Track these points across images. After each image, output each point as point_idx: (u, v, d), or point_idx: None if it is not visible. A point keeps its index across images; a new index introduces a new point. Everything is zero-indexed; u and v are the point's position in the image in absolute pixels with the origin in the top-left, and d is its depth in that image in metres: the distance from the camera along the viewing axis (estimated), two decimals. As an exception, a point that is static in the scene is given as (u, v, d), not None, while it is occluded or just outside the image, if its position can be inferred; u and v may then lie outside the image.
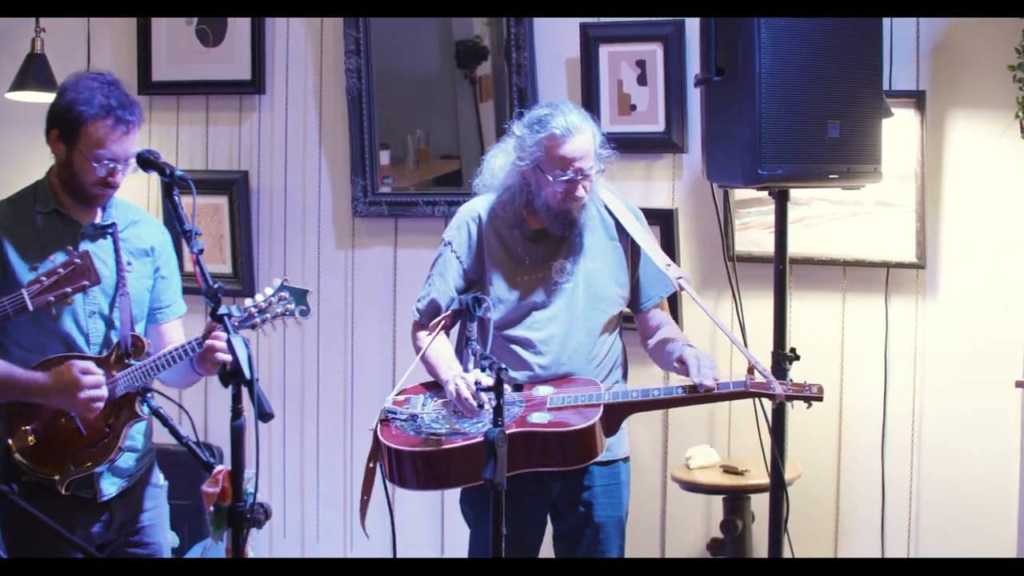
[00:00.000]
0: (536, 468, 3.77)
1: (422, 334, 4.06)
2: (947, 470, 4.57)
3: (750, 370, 3.79)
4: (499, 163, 4.03)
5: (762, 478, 4.39)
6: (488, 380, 3.52)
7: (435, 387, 3.99)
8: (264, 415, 3.02)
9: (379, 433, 3.86)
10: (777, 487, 4.15)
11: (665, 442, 4.99)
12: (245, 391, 3.04)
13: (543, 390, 3.90)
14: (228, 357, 3.20)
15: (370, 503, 3.95)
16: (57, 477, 3.56)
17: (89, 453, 3.56)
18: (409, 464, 3.79)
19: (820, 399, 3.76)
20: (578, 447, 3.76)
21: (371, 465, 3.89)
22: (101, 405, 3.48)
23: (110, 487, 3.68)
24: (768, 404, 4.05)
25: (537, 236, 4.00)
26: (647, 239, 4.03)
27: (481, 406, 3.72)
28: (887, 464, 4.62)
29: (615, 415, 3.84)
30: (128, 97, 3.59)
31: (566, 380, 3.94)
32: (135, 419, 3.60)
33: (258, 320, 3.58)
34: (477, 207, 4.08)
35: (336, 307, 5.54)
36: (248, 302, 3.58)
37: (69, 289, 3.35)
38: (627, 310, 4.15)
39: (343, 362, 5.54)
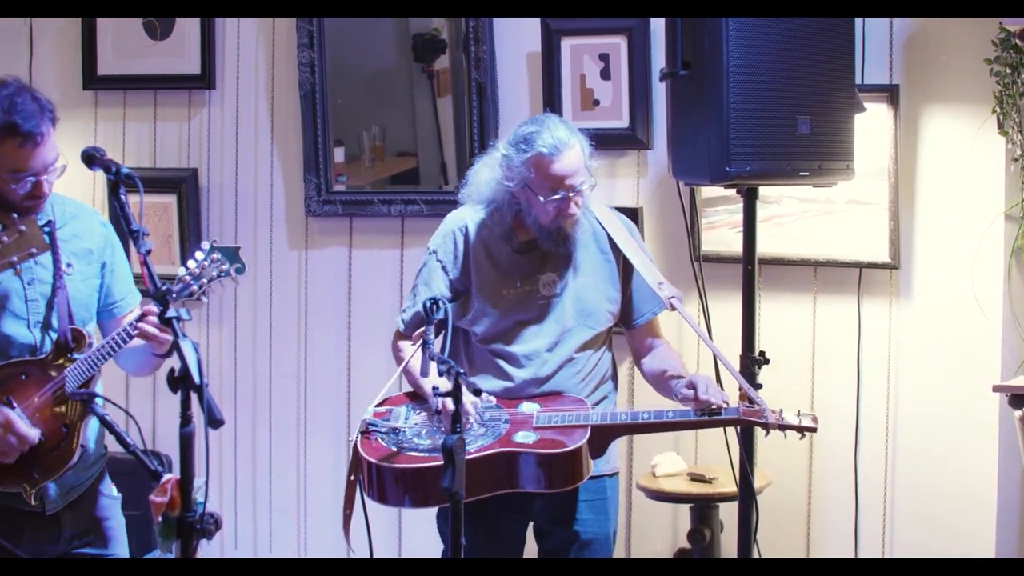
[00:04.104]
0: (518, 489, 3.75)
1: (404, 344, 4.02)
2: (922, 477, 4.54)
3: (743, 396, 3.79)
4: (484, 177, 3.98)
5: (731, 486, 4.34)
6: (447, 385, 3.47)
7: (418, 398, 3.96)
8: (214, 422, 2.96)
9: (359, 446, 3.81)
10: (746, 495, 4.13)
11: (630, 449, 4.94)
12: (194, 397, 2.98)
13: (529, 408, 3.85)
14: (162, 334, 3.30)
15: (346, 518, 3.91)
16: (24, 488, 3.49)
17: (52, 457, 3.49)
18: (391, 480, 3.75)
19: (814, 430, 3.74)
20: (563, 470, 3.73)
21: (352, 479, 3.83)
22: (11, 455, 3.45)
23: (56, 499, 3.61)
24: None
25: (525, 248, 3.96)
26: (640, 255, 4.00)
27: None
28: (860, 471, 4.60)
29: (602, 437, 3.81)
30: (35, 103, 3.45)
31: (553, 398, 3.90)
32: (90, 415, 3.54)
33: (195, 287, 3.48)
34: (464, 217, 4.03)
35: (289, 310, 5.52)
36: (181, 271, 3.50)
37: (15, 258, 3.26)
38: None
39: (296, 366, 5.52)
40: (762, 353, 4.12)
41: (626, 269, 4.01)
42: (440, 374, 3.55)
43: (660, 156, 4.74)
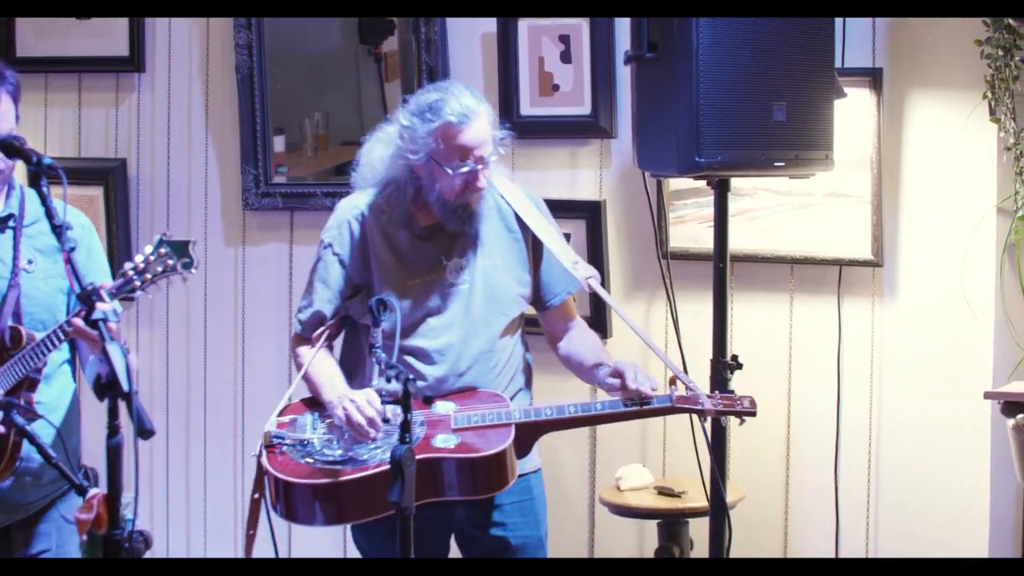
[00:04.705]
0: (442, 498, 3.68)
1: (303, 349, 3.90)
2: (908, 490, 4.47)
3: (672, 381, 3.74)
4: (378, 155, 3.88)
5: (701, 500, 4.26)
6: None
7: (319, 405, 3.84)
8: (144, 432, 2.92)
9: (265, 461, 3.71)
10: (718, 510, 4.07)
11: (593, 460, 4.88)
12: (123, 405, 2.95)
13: (444, 407, 3.75)
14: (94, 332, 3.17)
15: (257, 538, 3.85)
16: None
17: None
18: (302, 497, 3.66)
19: (753, 414, 3.71)
20: (489, 474, 3.66)
21: (256, 496, 3.74)
22: None
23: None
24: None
25: (428, 233, 3.84)
26: (550, 232, 3.92)
27: (387, 420, 3.59)
28: (841, 484, 4.53)
29: (527, 435, 3.73)
30: None
31: (468, 394, 3.80)
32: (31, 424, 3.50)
33: (138, 283, 3.42)
34: (359, 203, 3.91)
35: (225, 310, 5.47)
36: (127, 265, 3.45)
37: None
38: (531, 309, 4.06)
39: (233, 372, 5.47)
40: (735, 357, 4.04)
41: (535, 248, 3.95)
42: (388, 380, 3.42)
43: (625, 145, 4.69)
